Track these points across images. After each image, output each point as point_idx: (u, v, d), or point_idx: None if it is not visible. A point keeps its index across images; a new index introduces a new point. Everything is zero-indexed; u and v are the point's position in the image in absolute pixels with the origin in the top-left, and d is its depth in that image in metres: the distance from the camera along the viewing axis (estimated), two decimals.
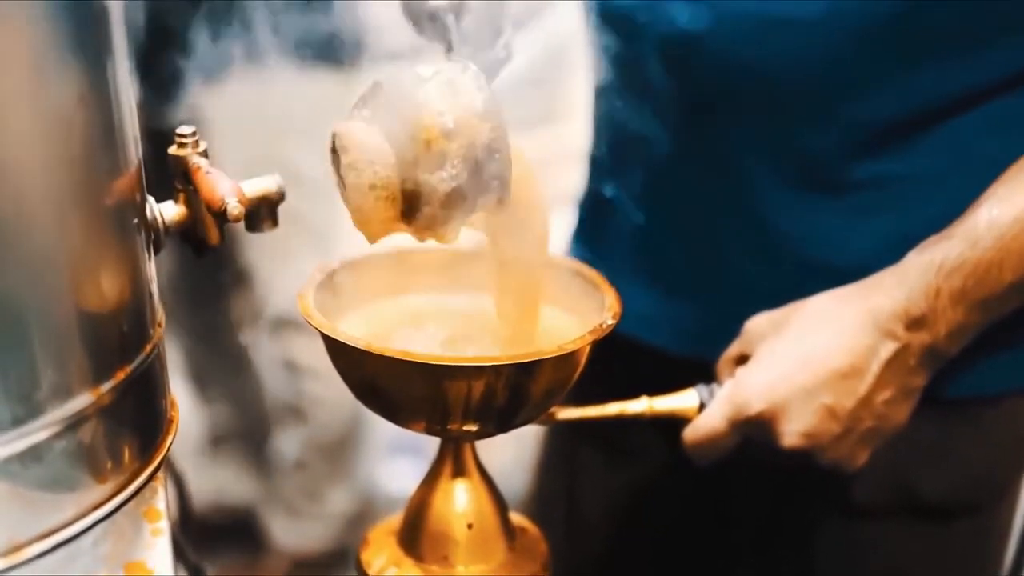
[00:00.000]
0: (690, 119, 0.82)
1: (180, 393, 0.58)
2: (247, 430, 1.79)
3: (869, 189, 0.80)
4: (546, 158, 0.86)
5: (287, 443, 1.73)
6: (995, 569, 0.96)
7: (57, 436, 0.47)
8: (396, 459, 1.98)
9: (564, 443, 1.04)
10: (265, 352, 1.67)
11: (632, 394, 0.75)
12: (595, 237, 0.97)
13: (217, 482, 1.82)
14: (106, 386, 0.49)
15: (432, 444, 0.72)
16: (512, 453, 0.74)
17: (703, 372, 0.78)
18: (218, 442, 1.82)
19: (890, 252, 0.75)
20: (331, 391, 1.67)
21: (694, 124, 0.82)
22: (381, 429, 1.85)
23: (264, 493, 1.82)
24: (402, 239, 0.66)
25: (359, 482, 1.86)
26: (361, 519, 1.87)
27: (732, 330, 0.80)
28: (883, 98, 0.77)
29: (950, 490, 0.87)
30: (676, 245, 0.88)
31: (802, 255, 0.82)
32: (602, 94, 0.93)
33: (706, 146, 0.83)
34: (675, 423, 0.77)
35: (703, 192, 0.85)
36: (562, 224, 1.04)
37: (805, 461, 0.74)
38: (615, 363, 0.68)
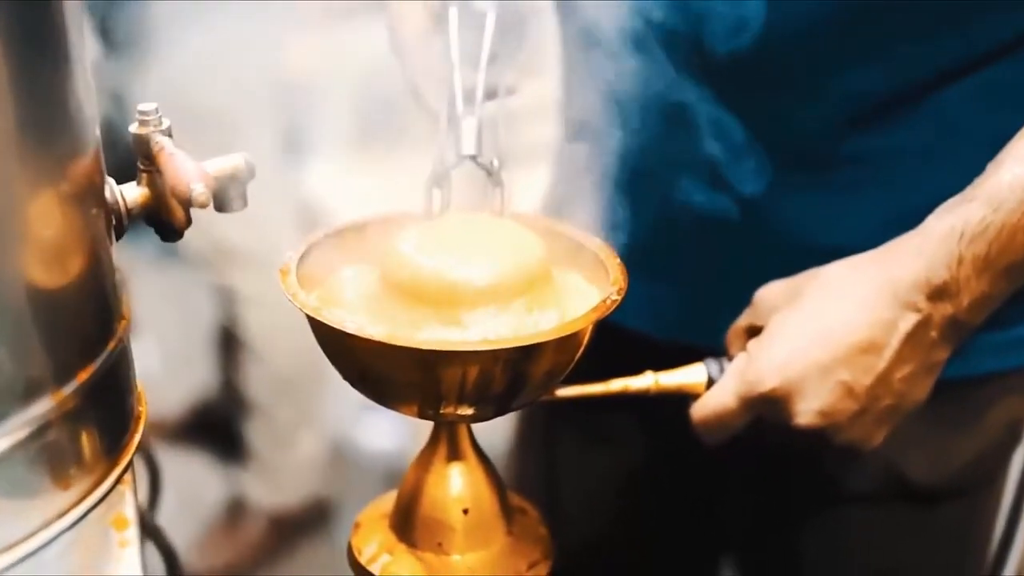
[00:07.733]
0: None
1: None
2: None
3: (857, 165, 0.78)
4: (520, 112, 0.83)
5: (248, 386, 1.70)
6: (982, 552, 0.96)
7: (18, 444, 0.44)
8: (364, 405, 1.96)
9: (542, 430, 1.01)
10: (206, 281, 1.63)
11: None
12: (570, 213, 0.93)
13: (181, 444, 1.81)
14: (68, 388, 0.46)
15: None
16: (489, 439, 0.72)
17: (685, 357, 0.75)
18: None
19: (879, 230, 0.72)
20: (280, 323, 1.63)
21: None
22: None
23: (229, 445, 1.81)
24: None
25: (327, 428, 1.85)
26: (331, 468, 1.86)
27: (715, 313, 0.77)
28: (872, 71, 0.74)
29: (938, 474, 0.85)
30: (656, 225, 0.85)
31: (788, 234, 0.80)
32: (585, 60, 0.89)
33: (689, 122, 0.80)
34: (659, 407, 0.74)
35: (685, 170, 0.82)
36: (537, 183, 1.00)
37: (820, 441, 0.71)
38: (592, 349, 0.65)
